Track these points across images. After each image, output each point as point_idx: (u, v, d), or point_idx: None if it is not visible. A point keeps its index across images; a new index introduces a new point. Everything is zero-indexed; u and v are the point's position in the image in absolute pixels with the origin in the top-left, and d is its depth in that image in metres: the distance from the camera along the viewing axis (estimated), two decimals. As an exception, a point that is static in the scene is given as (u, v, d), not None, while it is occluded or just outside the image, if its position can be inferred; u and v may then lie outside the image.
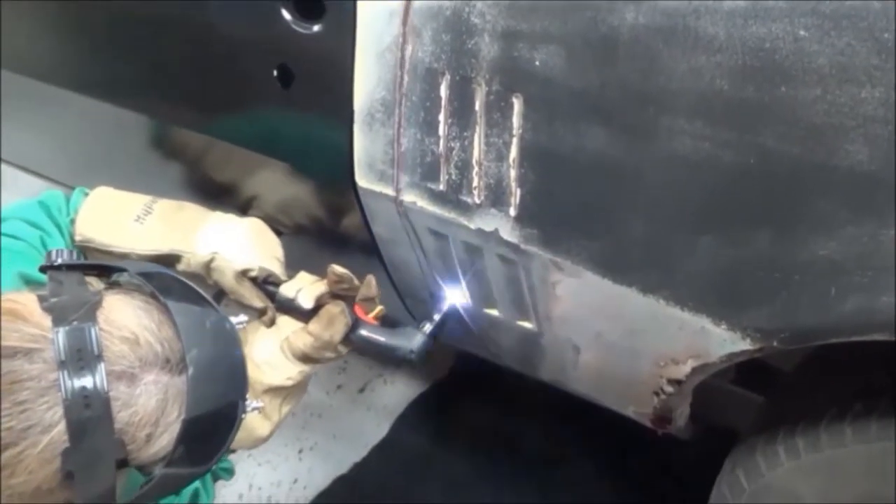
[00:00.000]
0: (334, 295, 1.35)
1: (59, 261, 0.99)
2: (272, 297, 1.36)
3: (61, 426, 0.86)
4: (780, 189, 0.97)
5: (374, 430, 2.24)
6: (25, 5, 1.66)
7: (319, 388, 2.32)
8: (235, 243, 1.35)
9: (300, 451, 2.19)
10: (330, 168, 1.37)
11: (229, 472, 1.43)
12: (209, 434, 0.98)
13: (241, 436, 1.32)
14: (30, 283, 1.15)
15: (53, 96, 1.75)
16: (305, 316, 1.34)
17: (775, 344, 1.05)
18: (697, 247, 1.05)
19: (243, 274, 1.34)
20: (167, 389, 0.93)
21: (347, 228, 1.47)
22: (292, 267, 1.42)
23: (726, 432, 1.50)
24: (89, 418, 0.87)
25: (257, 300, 1.35)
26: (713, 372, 1.19)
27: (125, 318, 0.93)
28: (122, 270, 1.03)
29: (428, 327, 1.39)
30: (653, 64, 1.00)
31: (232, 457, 1.42)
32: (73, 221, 1.36)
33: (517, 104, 1.11)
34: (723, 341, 1.10)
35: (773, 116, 0.94)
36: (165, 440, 0.93)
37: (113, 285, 1.02)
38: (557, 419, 2.14)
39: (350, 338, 1.35)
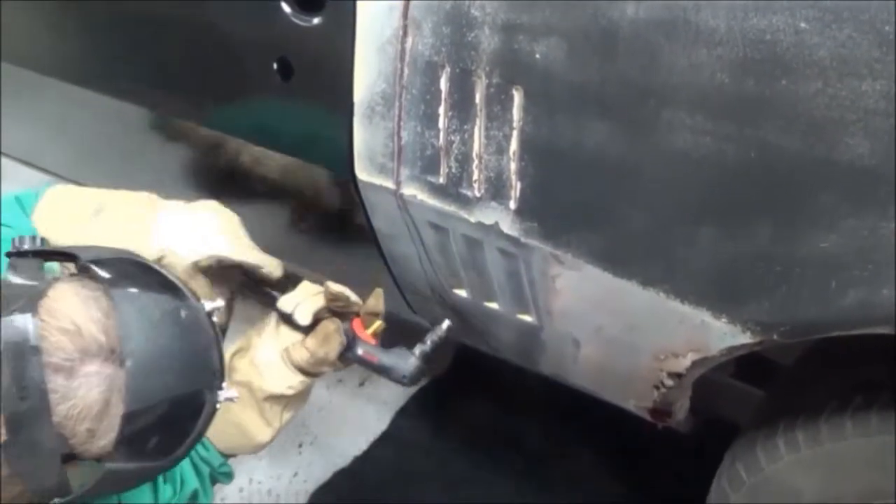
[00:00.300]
0: (333, 311, 1.34)
1: (24, 247, 0.98)
2: (273, 301, 1.34)
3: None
4: (781, 183, 0.97)
5: (374, 423, 2.24)
6: (25, -2, 1.66)
7: (320, 382, 2.30)
8: (189, 234, 1.29)
9: (300, 445, 2.20)
10: (330, 161, 1.36)
11: (228, 476, 1.40)
12: (167, 425, 0.96)
13: (241, 441, 1.32)
14: None
15: (54, 89, 1.75)
16: (305, 329, 1.33)
17: (775, 337, 1.05)
18: (698, 240, 1.05)
19: (195, 267, 1.28)
20: (112, 381, 0.90)
21: (347, 222, 1.47)
22: (292, 260, 1.41)
23: (726, 426, 1.50)
24: (25, 411, 0.85)
25: (211, 295, 1.26)
26: (713, 365, 1.19)
27: (69, 307, 0.91)
28: (74, 258, 0.99)
29: (420, 351, 1.37)
30: (653, 57, 1.00)
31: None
32: None
33: (517, 97, 1.11)
34: (723, 335, 1.10)
35: (773, 110, 0.94)
36: (114, 433, 0.91)
37: (81, 271, 0.99)
38: (557, 414, 2.14)
39: (346, 356, 1.34)
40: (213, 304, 1.05)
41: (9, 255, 0.97)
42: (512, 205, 1.17)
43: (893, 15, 0.85)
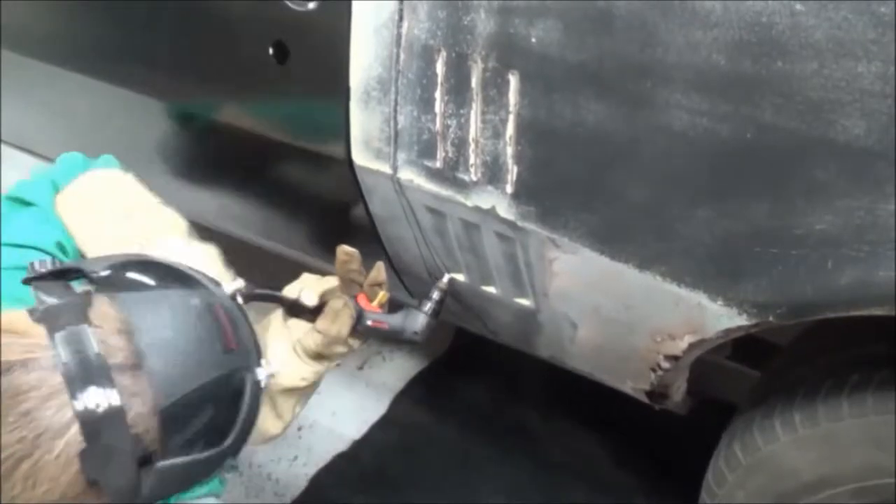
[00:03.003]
0: (342, 281, 1.34)
1: (44, 270, 0.98)
2: (279, 300, 1.34)
3: (74, 428, 0.85)
4: (777, 163, 0.97)
5: (373, 407, 2.24)
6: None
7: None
8: (211, 266, 1.26)
9: (300, 429, 2.20)
10: (326, 146, 1.36)
11: (234, 469, 1.41)
12: (209, 412, 0.97)
13: (253, 434, 1.32)
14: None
15: (52, 76, 1.75)
16: (313, 316, 1.33)
17: (771, 319, 1.05)
18: (694, 222, 1.05)
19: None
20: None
21: (344, 206, 1.47)
22: (292, 246, 1.41)
23: (723, 407, 1.51)
24: (101, 415, 0.86)
25: None
26: (710, 347, 1.20)
27: (114, 311, 0.93)
28: (91, 273, 1.00)
29: (428, 306, 1.40)
30: (650, 38, 0.99)
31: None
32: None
33: (513, 81, 1.11)
34: (719, 317, 1.10)
35: (770, 91, 0.94)
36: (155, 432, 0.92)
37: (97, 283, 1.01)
38: (556, 395, 2.15)
39: (358, 329, 1.35)
40: (235, 284, 1.08)
41: (27, 281, 0.97)
42: (509, 189, 1.17)
43: (889, -4, 0.85)
